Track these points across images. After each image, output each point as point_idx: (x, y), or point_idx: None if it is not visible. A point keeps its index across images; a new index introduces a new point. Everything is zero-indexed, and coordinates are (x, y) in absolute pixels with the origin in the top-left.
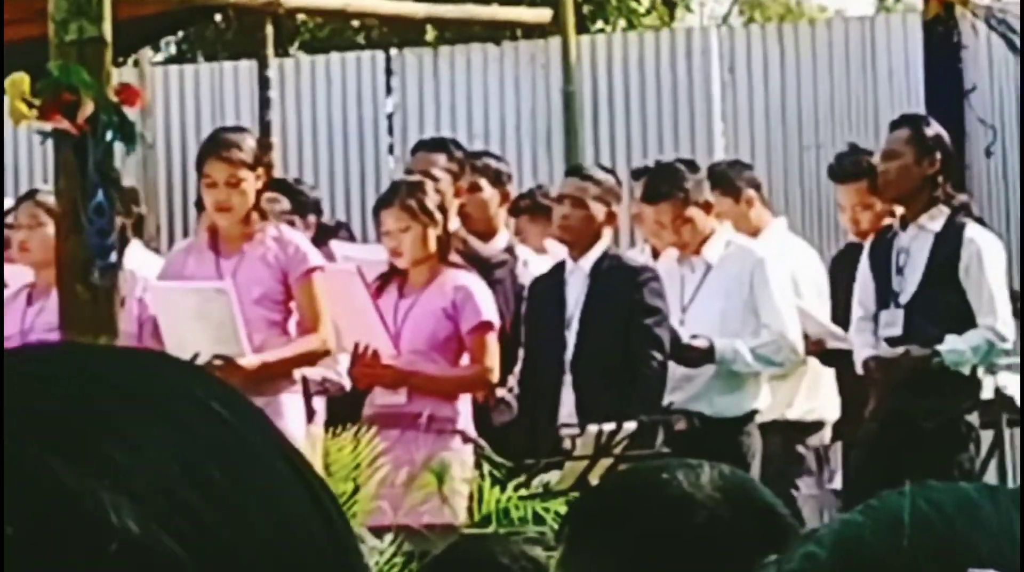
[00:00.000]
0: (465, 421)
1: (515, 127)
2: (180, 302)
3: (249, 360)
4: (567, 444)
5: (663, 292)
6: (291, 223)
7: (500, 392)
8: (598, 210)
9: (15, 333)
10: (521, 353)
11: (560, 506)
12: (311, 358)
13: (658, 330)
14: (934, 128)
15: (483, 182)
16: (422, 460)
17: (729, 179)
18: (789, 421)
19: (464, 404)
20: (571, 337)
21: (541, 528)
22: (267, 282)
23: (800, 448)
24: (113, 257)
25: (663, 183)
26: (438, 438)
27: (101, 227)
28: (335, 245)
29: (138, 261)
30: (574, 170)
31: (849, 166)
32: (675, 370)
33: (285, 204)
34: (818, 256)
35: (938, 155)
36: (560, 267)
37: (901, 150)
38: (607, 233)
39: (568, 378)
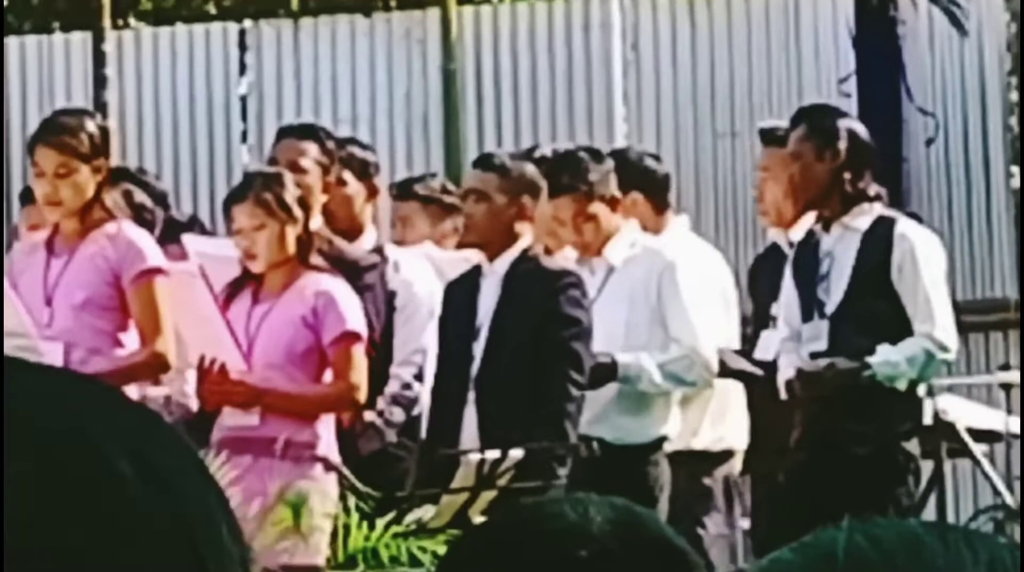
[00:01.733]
0: (327, 446)
1: (387, 111)
2: None
3: None
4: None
5: (584, 301)
6: (149, 220)
7: (369, 415)
8: (504, 205)
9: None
10: (426, 365)
11: (437, 545)
12: (142, 373)
13: (575, 344)
14: (833, 116)
15: (348, 175)
16: (277, 491)
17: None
18: (694, 451)
19: (326, 427)
20: (478, 349)
21: (415, 570)
22: (94, 285)
23: (707, 481)
24: None
25: (564, 174)
26: (296, 466)
27: None
28: (188, 239)
29: None
30: (478, 161)
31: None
32: None
33: (142, 196)
34: (722, 260)
35: (841, 145)
36: (476, 270)
37: (800, 149)
38: (525, 231)
39: (472, 396)
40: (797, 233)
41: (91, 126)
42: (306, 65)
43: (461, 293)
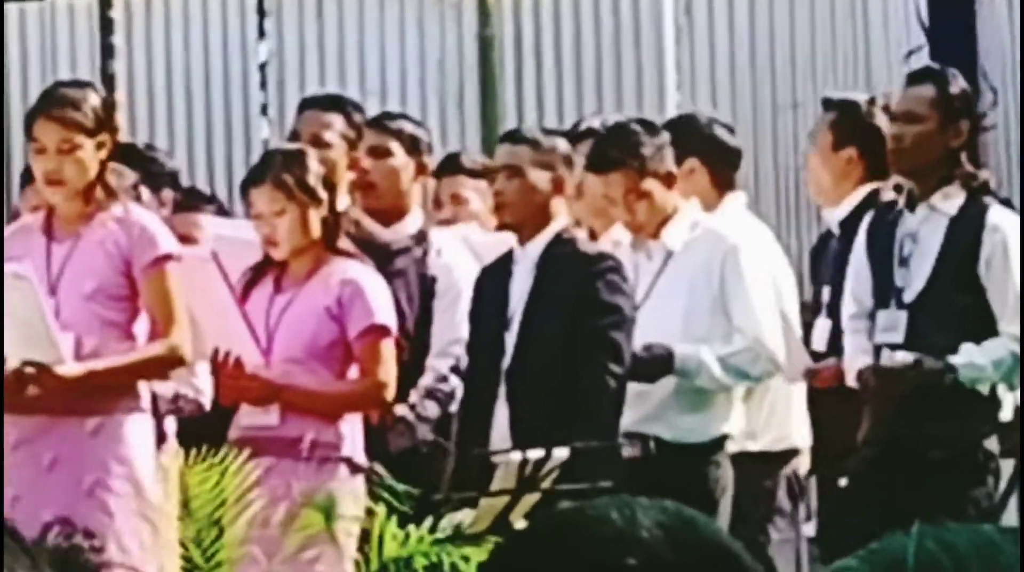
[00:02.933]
0: (352, 446)
1: (419, 81)
2: None
3: (70, 368)
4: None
5: (624, 287)
6: (138, 199)
7: (400, 409)
8: (540, 178)
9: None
10: (465, 357)
11: (476, 552)
12: (157, 367)
13: (614, 333)
14: (961, 86)
15: (395, 146)
16: (302, 494)
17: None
18: (752, 453)
19: (352, 426)
20: (510, 340)
21: None
22: (104, 273)
23: (768, 483)
24: None
25: (614, 148)
26: (319, 468)
27: None
28: (208, 221)
29: None
30: (507, 135)
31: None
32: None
33: (130, 177)
34: (775, 241)
35: (964, 124)
36: (509, 255)
37: (923, 113)
38: (560, 210)
39: (503, 391)
40: (843, 210)
41: (94, 98)
42: (331, 31)
43: (493, 280)
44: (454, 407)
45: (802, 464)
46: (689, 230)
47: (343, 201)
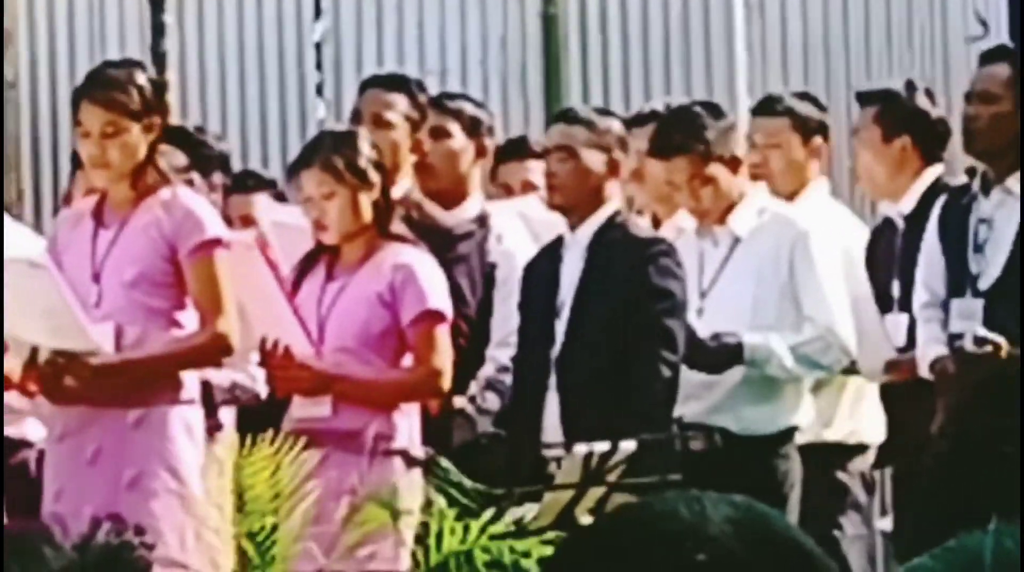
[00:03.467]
0: (408, 438)
1: (480, 61)
2: (8, 282)
3: (106, 359)
4: (553, 468)
5: (678, 271)
6: (188, 183)
7: (459, 401)
8: (594, 160)
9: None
10: (495, 351)
11: (540, 548)
12: (202, 357)
13: (667, 320)
14: None
15: (454, 128)
16: (359, 488)
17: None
18: (828, 443)
19: (407, 417)
20: (560, 328)
21: None
22: (147, 259)
23: (843, 476)
24: None
25: (677, 132)
26: (374, 461)
27: None
28: (263, 206)
29: None
30: (559, 115)
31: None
32: (692, 375)
33: (179, 158)
34: (862, 230)
35: None
36: (559, 241)
37: (998, 93)
38: (613, 193)
39: (554, 381)
40: (909, 201)
41: (141, 79)
42: (389, 9)
43: (543, 266)
44: None
45: (869, 459)
46: (757, 216)
47: (405, 184)
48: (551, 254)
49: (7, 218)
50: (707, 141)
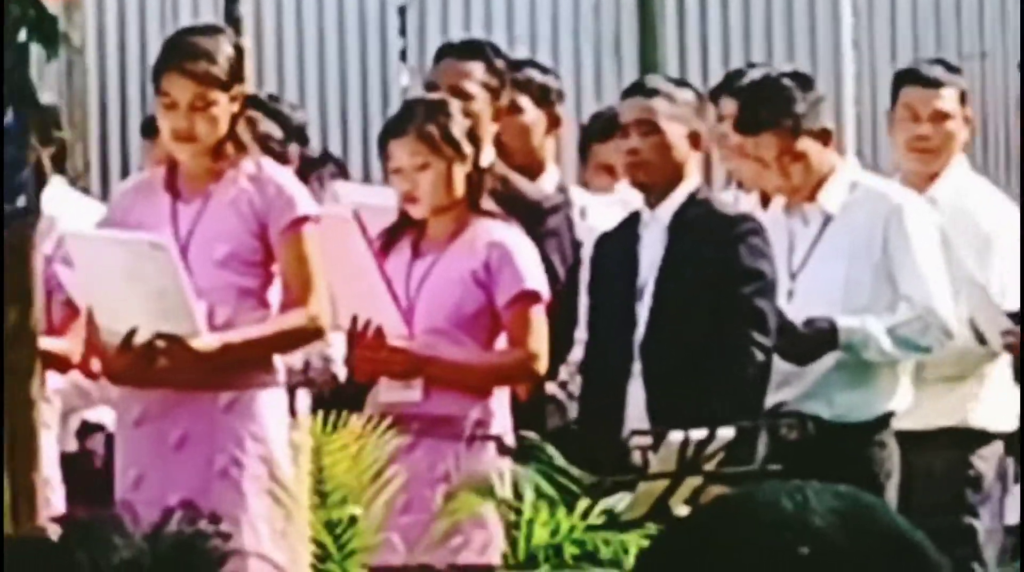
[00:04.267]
0: (503, 424)
1: (572, 29)
2: (106, 259)
3: (206, 341)
4: (636, 457)
5: (768, 251)
6: (280, 155)
7: (550, 387)
8: (676, 133)
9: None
10: (585, 334)
11: (633, 540)
12: (295, 340)
13: (758, 301)
14: None
15: (525, 101)
16: (450, 477)
17: None
18: (970, 430)
19: (500, 402)
20: (643, 312)
21: (606, 570)
22: (237, 236)
23: (980, 465)
24: (24, 199)
25: (764, 107)
26: (466, 448)
27: (11, 158)
28: (340, 187)
29: (60, 204)
30: (633, 88)
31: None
32: (779, 361)
33: (268, 126)
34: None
35: None
36: (634, 218)
37: None
38: (693, 168)
39: (638, 367)
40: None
41: (228, 47)
42: None
43: (618, 246)
44: None
45: (999, 448)
46: (848, 191)
47: (488, 155)
48: (627, 232)
49: (73, 190)
50: (796, 115)
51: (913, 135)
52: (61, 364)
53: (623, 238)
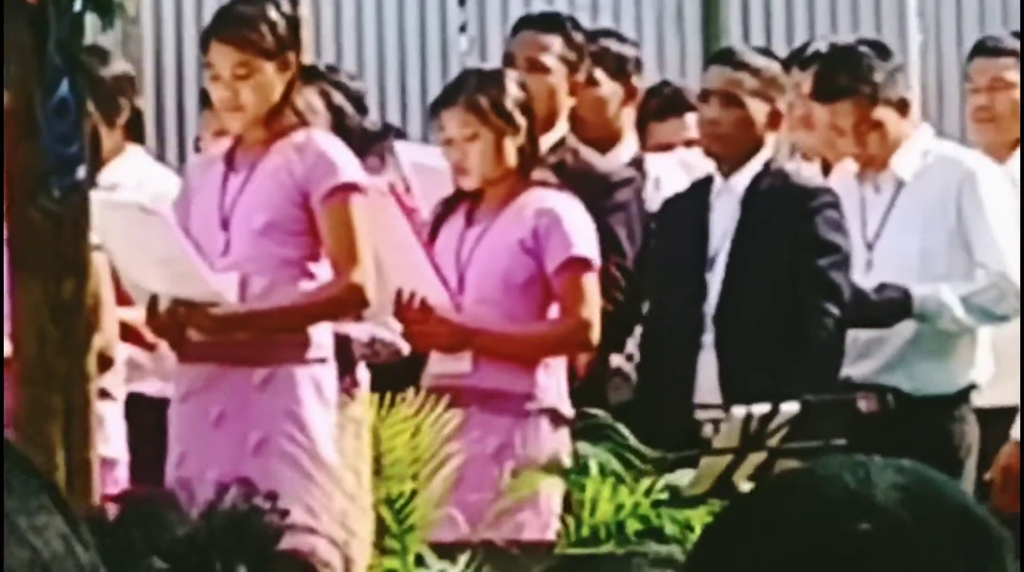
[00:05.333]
0: (556, 396)
1: None
2: (113, 225)
3: (228, 309)
4: (707, 431)
5: (843, 223)
6: (348, 127)
7: (616, 360)
8: (758, 109)
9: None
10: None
11: (697, 516)
12: (335, 310)
13: (834, 274)
14: None
15: (600, 74)
16: (514, 453)
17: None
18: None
19: (553, 373)
20: (714, 282)
21: (668, 547)
22: (278, 205)
23: None
24: (80, 172)
25: (843, 74)
26: (518, 421)
27: (63, 131)
28: (402, 147)
29: (140, 174)
30: (721, 56)
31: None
32: (861, 333)
33: (338, 98)
34: None
35: None
36: (703, 185)
37: None
38: (770, 141)
39: (709, 338)
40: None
41: (274, 14)
42: None
43: (687, 214)
44: None
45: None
46: (921, 158)
47: (562, 128)
48: (697, 201)
49: (147, 156)
50: (874, 83)
51: (975, 106)
52: (131, 334)
53: (693, 205)
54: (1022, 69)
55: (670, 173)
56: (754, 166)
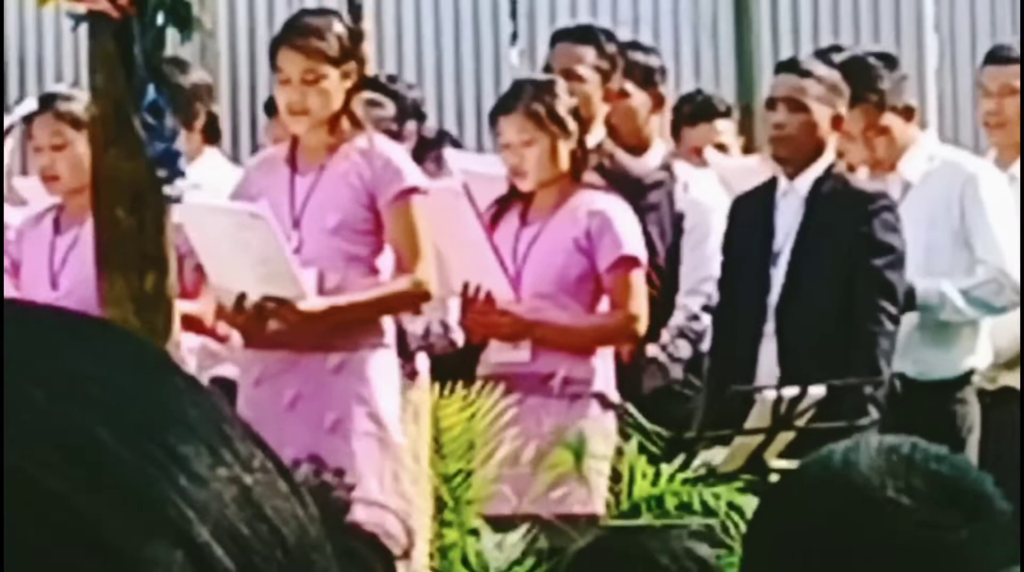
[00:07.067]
0: (605, 382)
1: (672, 11)
2: (214, 227)
3: (312, 303)
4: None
5: (898, 225)
6: (395, 134)
7: (652, 350)
8: (822, 115)
9: (41, 270)
10: (716, 294)
11: (730, 493)
12: (402, 303)
13: (889, 273)
14: None
15: (629, 86)
16: (554, 432)
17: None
18: None
19: (603, 361)
20: (777, 276)
21: (707, 520)
22: (348, 207)
23: None
24: (180, 164)
25: (852, 83)
26: (571, 405)
27: (163, 129)
28: (451, 155)
29: (217, 174)
30: (787, 65)
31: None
32: None
33: (389, 109)
34: None
35: None
36: (770, 186)
37: None
38: (831, 145)
39: (770, 328)
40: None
41: (339, 27)
42: None
43: (754, 212)
44: (705, 346)
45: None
46: (926, 162)
47: (599, 134)
48: (763, 199)
49: (222, 157)
50: (881, 91)
51: (985, 111)
52: (195, 326)
53: (760, 204)
54: (1022, 71)
55: (698, 177)
56: (817, 169)
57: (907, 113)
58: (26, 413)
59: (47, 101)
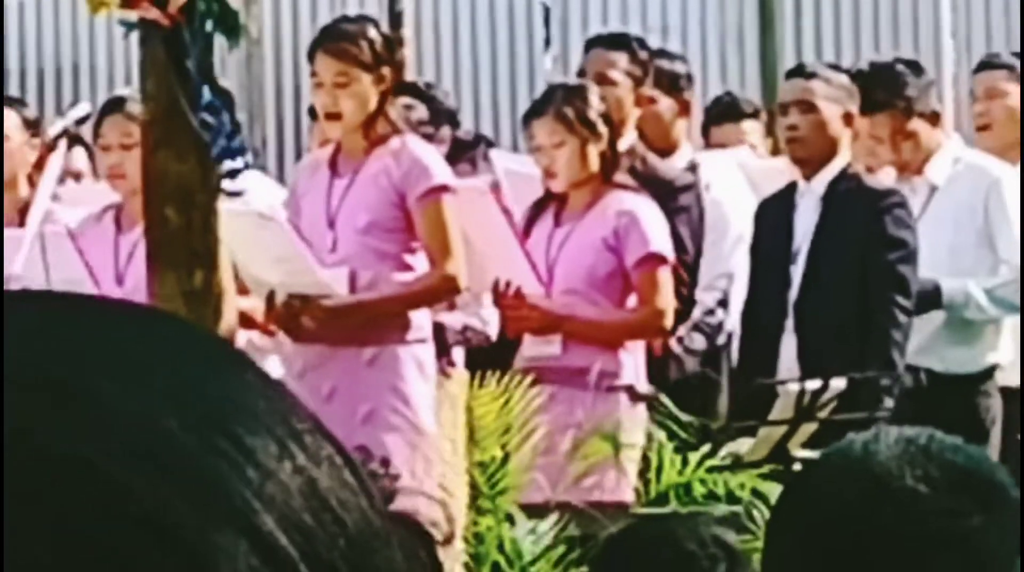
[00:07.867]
0: (634, 375)
1: (699, 19)
2: (236, 229)
3: (338, 300)
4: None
5: (911, 222)
6: (429, 138)
7: (669, 343)
8: (832, 113)
9: (107, 265)
10: (744, 291)
11: (754, 481)
12: (431, 297)
13: (902, 268)
14: None
15: (657, 93)
16: (586, 423)
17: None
18: None
19: (632, 354)
20: (797, 274)
21: (732, 507)
22: (378, 207)
23: None
24: (240, 160)
25: (880, 89)
26: (601, 396)
27: (223, 126)
28: (495, 155)
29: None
30: (795, 71)
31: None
32: None
33: (421, 112)
34: None
35: None
36: (791, 188)
37: None
38: (845, 145)
39: (790, 323)
40: None
41: (373, 32)
42: None
43: (776, 213)
44: (721, 339)
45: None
46: (952, 165)
47: (631, 137)
48: (784, 201)
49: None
50: (908, 98)
51: (975, 113)
52: (246, 321)
53: (780, 206)
54: (1022, 75)
55: (720, 177)
56: (832, 170)
57: (933, 118)
58: (95, 405)
59: (117, 103)
